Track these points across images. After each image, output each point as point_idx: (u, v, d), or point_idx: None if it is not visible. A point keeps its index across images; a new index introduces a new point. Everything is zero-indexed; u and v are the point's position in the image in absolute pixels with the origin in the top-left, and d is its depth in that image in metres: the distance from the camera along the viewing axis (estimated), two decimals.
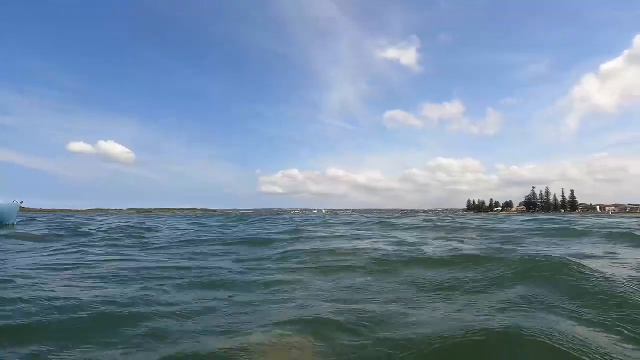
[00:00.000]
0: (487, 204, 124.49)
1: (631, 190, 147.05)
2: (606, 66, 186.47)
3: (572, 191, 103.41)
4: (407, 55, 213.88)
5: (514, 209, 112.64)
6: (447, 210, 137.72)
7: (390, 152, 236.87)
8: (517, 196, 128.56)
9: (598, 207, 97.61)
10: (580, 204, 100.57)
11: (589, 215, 31.11)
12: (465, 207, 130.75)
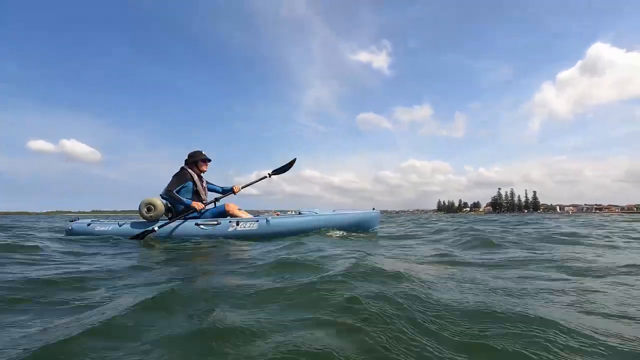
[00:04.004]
0: (456, 204, 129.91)
1: (585, 191, 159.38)
2: (562, 75, 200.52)
3: (535, 192, 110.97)
4: (379, 60, 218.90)
5: (481, 210, 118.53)
6: (418, 210, 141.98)
7: (363, 154, 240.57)
8: (484, 197, 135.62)
9: (558, 207, 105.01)
10: (542, 204, 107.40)
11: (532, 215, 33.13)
12: (435, 207, 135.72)
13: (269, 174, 4.77)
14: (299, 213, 4.50)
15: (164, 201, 4.36)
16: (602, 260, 2.31)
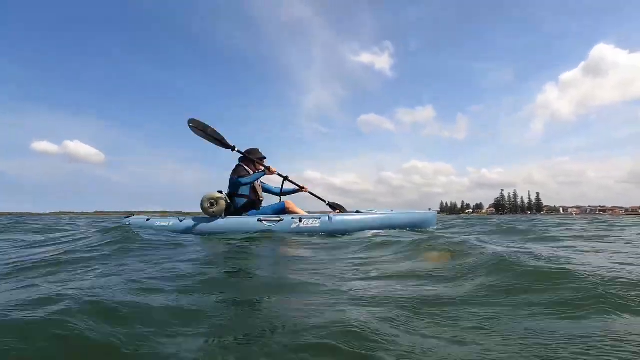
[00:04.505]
0: (459, 206, 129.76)
1: (588, 192, 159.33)
2: (565, 76, 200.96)
3: (538, 194, 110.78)
4: (381, 61, 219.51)
5: (484, 211, 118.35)
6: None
7: (365, 155, 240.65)
8: (487, 198, 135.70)
9: (561, 209, 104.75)
10: (545, 206, 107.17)
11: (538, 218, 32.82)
12: (438, 209, 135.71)
13: (319, 197, 4.95)
14: (357, 212, 4.49)
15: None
16: None
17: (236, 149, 4.54)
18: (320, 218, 4.15)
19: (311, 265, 1.87)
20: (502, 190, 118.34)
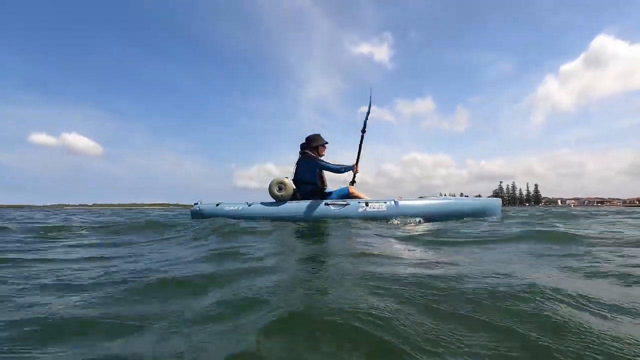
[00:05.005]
0: None
1: (588, 184, 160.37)
2: (565, 68, 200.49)
3: (536, 185, 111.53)
4: (381, 52, 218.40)
5: None
6: None
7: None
8: (486, 190, 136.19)
9: (559, 201, 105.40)
10: (544, 198, 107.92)
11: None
12: None
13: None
14: (420, 197, 4.61)
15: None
16: None
17: (364, 133, 4.85)
18: (386, 202, 4.29)
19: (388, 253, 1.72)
20: (501, 182, 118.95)
